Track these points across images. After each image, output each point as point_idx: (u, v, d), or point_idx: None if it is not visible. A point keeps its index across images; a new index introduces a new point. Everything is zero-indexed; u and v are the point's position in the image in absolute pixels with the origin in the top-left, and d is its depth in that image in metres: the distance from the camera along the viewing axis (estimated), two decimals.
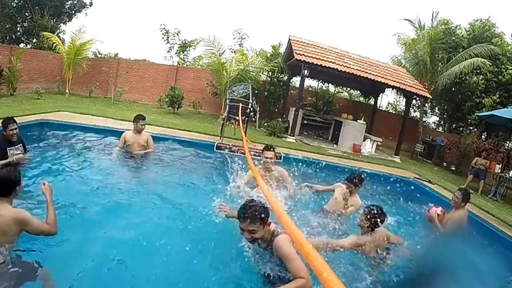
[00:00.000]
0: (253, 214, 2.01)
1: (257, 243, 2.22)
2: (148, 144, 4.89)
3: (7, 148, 3.56)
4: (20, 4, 14.65)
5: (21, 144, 3.75)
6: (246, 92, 8.11)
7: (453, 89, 13.92)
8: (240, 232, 2.09)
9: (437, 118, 18.55)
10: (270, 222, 2.12)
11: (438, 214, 3.89)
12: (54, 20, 15.16)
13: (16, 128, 3.61)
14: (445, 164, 11.90)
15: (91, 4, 16.58)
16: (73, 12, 16.18)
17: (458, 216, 3.87)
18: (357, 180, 3.67)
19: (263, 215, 2.04)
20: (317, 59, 9.72)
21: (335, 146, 10.60)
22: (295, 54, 9.76)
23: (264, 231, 2.09)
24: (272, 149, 3.88)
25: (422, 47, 13.04)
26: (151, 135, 5.09)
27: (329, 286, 1.02)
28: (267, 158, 3.80)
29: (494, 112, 8.95)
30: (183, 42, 15.09)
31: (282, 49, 13.05)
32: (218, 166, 5.43)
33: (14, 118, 3.68)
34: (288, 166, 4.37)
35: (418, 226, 4.35)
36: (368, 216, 2.76)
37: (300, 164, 4.31)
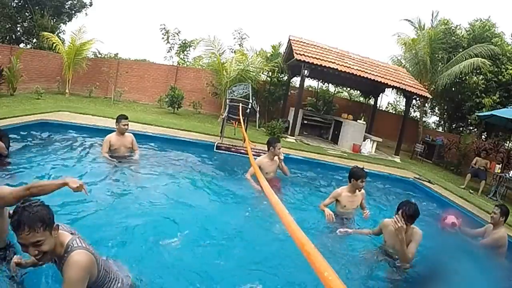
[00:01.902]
0: (31, 217, 1.42)
1: (53, 261, 1.60)
2: (133, 146, 4.59)
3: None
4: (20, 4, 14.63)
5: None
6: (246, 92, 8.11)
7: (453, 89, 13.93)
8: (23, 250, 1.48)
9: (437, 118, 18.57)
10: (58, 225, 1.54)
11: (454, 223, 3.83)
12: (54, 20, 15.14)
13: None
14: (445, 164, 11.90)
15: (91, 4, 16.57)
16: (73, 12, 16.16)
17: (498, 235, 3.63)
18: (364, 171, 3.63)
19: (45, 216, 1.46)
20: (317, 59, 9.72)
21: (335, 146, 10.60)
22: (295, 54, 9.76)
23: (52, 239, 1.50)
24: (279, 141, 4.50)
25: (422, 47, 13.04)
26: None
27: (330, 286, 1.02)
28: (280, 149, 4.35)
29: (494, 112, 8.95)
30: (183, 42, 15.10)
31: (282, 49, 13.04)
32: (218, 166, 5.44)
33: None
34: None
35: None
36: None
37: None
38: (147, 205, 3.27)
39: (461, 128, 16.19)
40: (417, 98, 14.27)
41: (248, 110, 7.34)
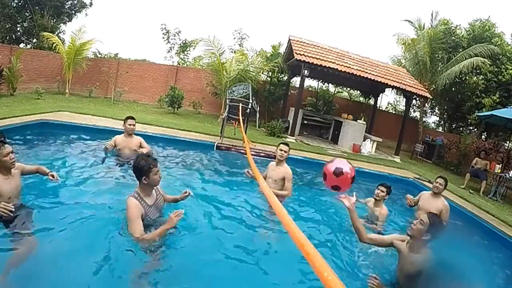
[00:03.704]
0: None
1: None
2: (142, 147, 4.59)
3: None
4: (20, 4, 14.62)
5: None
6: (246, 92, 8.11)
7: (453, 89, 13.93)
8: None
9: (437, 118, 18.56)
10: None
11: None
12: (54, 20, 15.13)
13: None
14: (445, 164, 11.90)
15: (91, 4, 16.56)
16: (73, 12, 16.15)
17: (442, 204, 4.07)
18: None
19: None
20: (317, 59, 9.72)
21: (335, 146, 10.60)
22: (295, 54, 9.76)
23: None
24: (287, 145, 4.12)
25: (422, 47, 13.04)
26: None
27: (330, 286, 1.02)
28: (282, 150, 4.01)
29: (494, 112, 8.95)
30: (183, 42, 15.10)
31: (282, 49, 13.05)
32: (217, 166, 5.44)
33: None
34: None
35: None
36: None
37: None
38: None
39: (461, 128, 16.19)
40: (417, 98, 14.29)
41: (248, 110, 7.34)
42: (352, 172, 2.29)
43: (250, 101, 7.69)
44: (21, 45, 14.90)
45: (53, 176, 2.83)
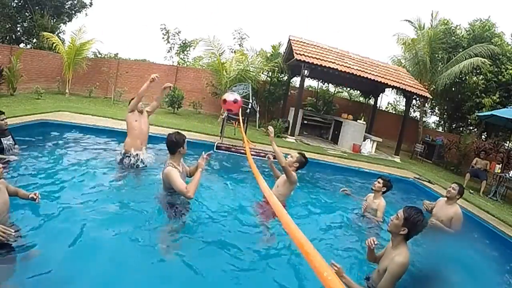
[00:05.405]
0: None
1: None
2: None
3: (1, 139, 3.73)
4: (20, 4, 14.63)
5: (10, 136, 3.92)
6: (246, 92, 8.11)
7: (453, 89, 13.93)
8: None
9: (437, 118, 18.57)
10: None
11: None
12: (54, 20, 15.14)
13: (5, 118, 3.86)
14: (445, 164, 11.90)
15: (91, 4, 16.57)
16: (73, 12, 16.16)
17: (454, 212, 3.81)
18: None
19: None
20: (317, 59, 9.72)
21: (335, 146, 10.60)
22: (295, 54, 9.76)
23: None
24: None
25: (422, 47, 13.04)
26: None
27: (330, 286, 1.02)
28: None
29: (494, 112, 8.95)
30: (183, 42, 15.10)
31: (282, 49, 13.05)
32: (217, 166, 5.44)
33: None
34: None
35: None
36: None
37: None
38: (143, 204, 3.25)
39: (461, 128, 16.19)
40: (417, 98, 14.29)
41: (248, 110, 7.34)
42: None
43: (250, 101, 7.69)
44: (21, 45, 14.90)
45: (33, 198, 2.44)
